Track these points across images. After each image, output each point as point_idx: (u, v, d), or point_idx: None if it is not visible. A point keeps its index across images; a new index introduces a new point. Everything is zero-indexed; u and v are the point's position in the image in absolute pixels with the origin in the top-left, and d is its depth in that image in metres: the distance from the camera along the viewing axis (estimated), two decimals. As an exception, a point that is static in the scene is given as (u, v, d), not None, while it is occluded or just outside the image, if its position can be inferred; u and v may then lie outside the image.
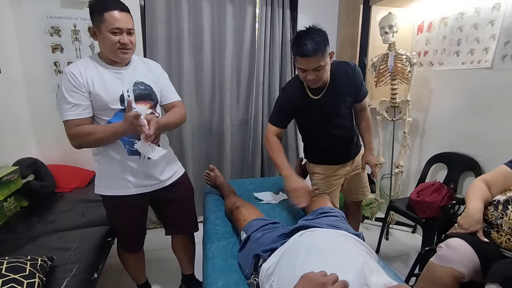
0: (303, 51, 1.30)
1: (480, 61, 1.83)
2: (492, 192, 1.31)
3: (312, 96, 1.49)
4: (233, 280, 1.03)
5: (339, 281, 0.63)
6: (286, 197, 1.73)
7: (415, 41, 2.34)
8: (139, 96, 1.25)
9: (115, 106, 1.19)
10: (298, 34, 1.36)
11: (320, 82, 1.41)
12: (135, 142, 1.23)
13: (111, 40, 1.13)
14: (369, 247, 0.96)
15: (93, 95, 1.16)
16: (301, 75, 1.41)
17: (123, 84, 1.22)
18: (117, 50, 1.16)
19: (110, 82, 1.19)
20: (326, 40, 1.34)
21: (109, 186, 1.28)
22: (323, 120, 1.54)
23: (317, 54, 1.29)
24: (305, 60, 1.32)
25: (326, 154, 1.65)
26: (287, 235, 1.05)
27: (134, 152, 1.25)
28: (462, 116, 1.99)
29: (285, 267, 0.87)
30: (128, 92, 1.22)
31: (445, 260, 1.14)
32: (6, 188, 1.60)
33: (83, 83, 1.14)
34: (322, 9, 2.57)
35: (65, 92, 1.13)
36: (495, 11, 1.73)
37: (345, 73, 1.49)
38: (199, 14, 2.27)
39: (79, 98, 1.14)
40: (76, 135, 1.15)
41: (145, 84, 1.28)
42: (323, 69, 1.35)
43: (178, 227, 1.55)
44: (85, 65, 1.18)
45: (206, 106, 2.45)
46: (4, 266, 1.03)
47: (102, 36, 1.14)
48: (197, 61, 2.35)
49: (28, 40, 1.99)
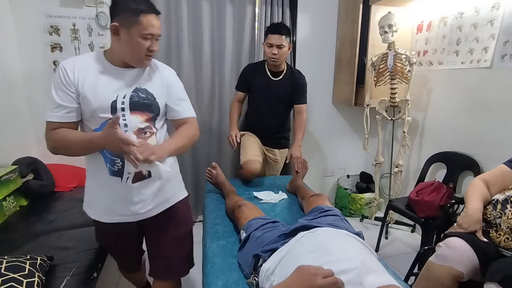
0: (274, 28, 1.90)
1: (479, 60, 1.83)
2: (491, 191, 1.31)
3: (271, 77, 2.03)
4: (232, 279, 1.04)
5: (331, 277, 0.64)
6: (286, 196, 1.74)
7: (414, 41, 2.34)
8: (136, 105, 1.03)
9: (104, 114, 1.00)
10: (273, 23, 2.19)
11: (278, 61, 1.93)
12: (116, 161, 1.03)
13: (141, 45, 0.99)
14: (369, 246, 0.97)
15: (81, 97, 0.99)
16: (267, 50, 1.93)
17: (119, 87, 1.02)
18: (144, 57, 1.03)
19: (104, 85, 1.01)
20: (290, 33, 2.00)
21: (93, 208, 1.11)
22: (269, 99, 2.05)
23: (283, 34, 1.88)
24: (274, 36, 1.87)
25: (257, 127, 2.16)
26: (287, 235, 1.05)
27: (116, 173, 1.04)
28: (462, 115, 2.00)
29: (286, 267, 0.87)
30: (124, 98, 1.02)
31: (444, 259, 1.14)
32: (5, 187, 1.60)
33: (73, 82, 0.98)
34: (321, 8, 2.57)
35: (53, 89, 0.99)
36: (494, 11, 1.73)
37: (293, 73, 2.06)
38: (199, 13, 2.26)
39: (65, 99, 0.98)
40: (49, 139, 1.00)
41: (148, 92, 1.08)
42: (283, 50, 1.90)
43: (163, 271, 1.21)
44: (83, 61, 1.03)
45: (206, 105, 2.45)
46: (4, 266, 1.03)
47: (129, 38, 0.98)
48: (196, 61, 2.34)
49: (27, 39, 1.98)
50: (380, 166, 2.42)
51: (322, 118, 2.79)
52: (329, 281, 0.64)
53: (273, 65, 1.98)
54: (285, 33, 1.88)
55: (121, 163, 1.03)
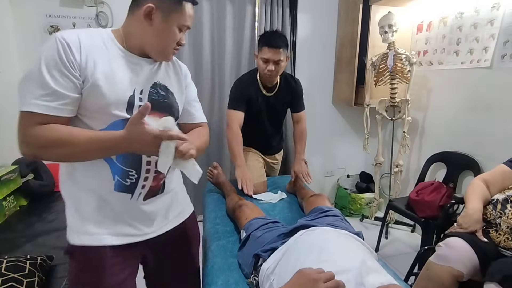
0: (272, 42, 1.56)
1: (479, 60, 1.84)
2: (491, 191, 1.31)
3: (265, 92, 1.75)
4: (232, 279, 1.03)
5: (333, 280, 0.63)
6: (285, 196, 1.74)
7: (414, 41, 2.34)
8: (156, 104, 0.82)
9: (119, 111, 0.77)
10: (267, 31, 1.72)
11: (275, 76, 1.67)
12: (131, 173, 0.81)
13: (175, 36, 0.83)
14: (369, 246, 0.97)
15: (89, 86, 0.73)
16: (261, 66, 1.62)
17: (136, 80, 0.81)
18: (172, 50, 0.86)
19: (121, 74, 0.78)
20: (288, 43, 1.66)
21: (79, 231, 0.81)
22: (264, 113, 1.81)
23: (282, 48, 1.57)
24: (271, 50, 1.56)
25: (254, 140, 1.91)
26: (286, 235, 1.05)
27: (125, 188, 0.81)
28: (461, 115, 2.00)
29: (285, 266, 0.87)
30: (141, 94, 0.81)
31: (444, 259, 1.14)
32: (5, 187, 1.60)
33: (79, 64, 0.72)
34: (321, 8, 2.57)
35: (45, 68, 0.69)
36: (494, 11, 1.73)
37: (290, 83, 1.80)
38: (199, 13, 2.26)
39: (65, 85, 0.70)
40: (31, 135, 0.70)
41: (168, 90, 0.89)
42: (281, 65, 1.61)
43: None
44: (90, 38, 0.76)
45: (206, 105, 2.45)
46: (4, 265, 1.03)
47: (164, 26, 0.80)
48: (196, 60, 2.35)
49: (27, 39, 1.98)
50: (380, 166, 2.42)
51: (322, 118, 2.79)
52: (330, 285, 0.63)
53: (268, 81, 1.71)
54: (283, 46, 1.58)
55: (136, 175, 0.82)
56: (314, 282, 0.62)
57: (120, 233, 0.83)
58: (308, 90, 2.12)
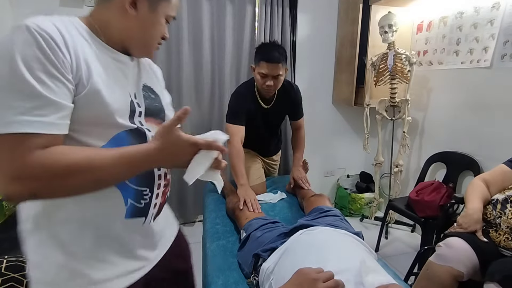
0: (270, 57, 1.48)
1: (479, 60, 1.84)
2: (491, 191, 1.31)
3: (263, 104, 1.70)
4: (232, 279, 1.04)
5: (332, 280, 0.63)
6: (285, 196, 1.74)
7: (414, 41, 2.34)
8: (151, 110, 0.73)
9: (123, 120, 0.63)
10: (264, 43, 1.66)
11: (274, 90, 1.62)
12: (145, 192, 0.68)
13: (161, 29, 0.71)
14: (368, 246, 0.97)
15: (87, 90, 0.56)
16: (259, 81, 1.55)
17: (127, 82, 0.68)
18: (156, 44, 0.73)
19: (114, 75, 0.64)
20: (287, 56, 1.61)
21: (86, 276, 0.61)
22: (262, 123, 1.78)
23: (281, 62, 1.50)
24: (270, 65, 1.48)
25: (251, 144, 1.86)
26: (286, 235, 1.05)
27: (139, 211, 0.68)
28: (461, 115, 2.00)
29: (285, 266, 0.87)
30: (136, 99, 0.69)
31: (444, 259, 1.14)
32: (5, 187, 1.60)
33: (70, 64, 0.54)
34: (321, 8, 2.57)
35: (26, 70, 0.49)
36: (494, 11, 1.73)
37: (288, 92, 1.74)
38: (199, 13, 2.26)
39: (58, 92, 0.52)
40: (45, 167, 0.50)
41: (155, 92, 0.78)
42: (280, 79, 1.55)
43: None
44: (67, 28, 0.57)
45: (206, 105, 2.44)
46: (4, 265, 1.03)
47: (151, 16, 0.67)
48: (196, 60, 2.34)
49: (27, 39, 1.98)
50: (380, 166, 2.42)
51: (322, 118, 2.79)
52: (330, 284, 0.63)
53: (266, 94, 1.66)
54: (282, 59, 1.50)
55: (149, 193, 0.69)
56: (314, 282, 0.62)
57: (127, 271, 0.67)
58: (308, 90, 2.13)
